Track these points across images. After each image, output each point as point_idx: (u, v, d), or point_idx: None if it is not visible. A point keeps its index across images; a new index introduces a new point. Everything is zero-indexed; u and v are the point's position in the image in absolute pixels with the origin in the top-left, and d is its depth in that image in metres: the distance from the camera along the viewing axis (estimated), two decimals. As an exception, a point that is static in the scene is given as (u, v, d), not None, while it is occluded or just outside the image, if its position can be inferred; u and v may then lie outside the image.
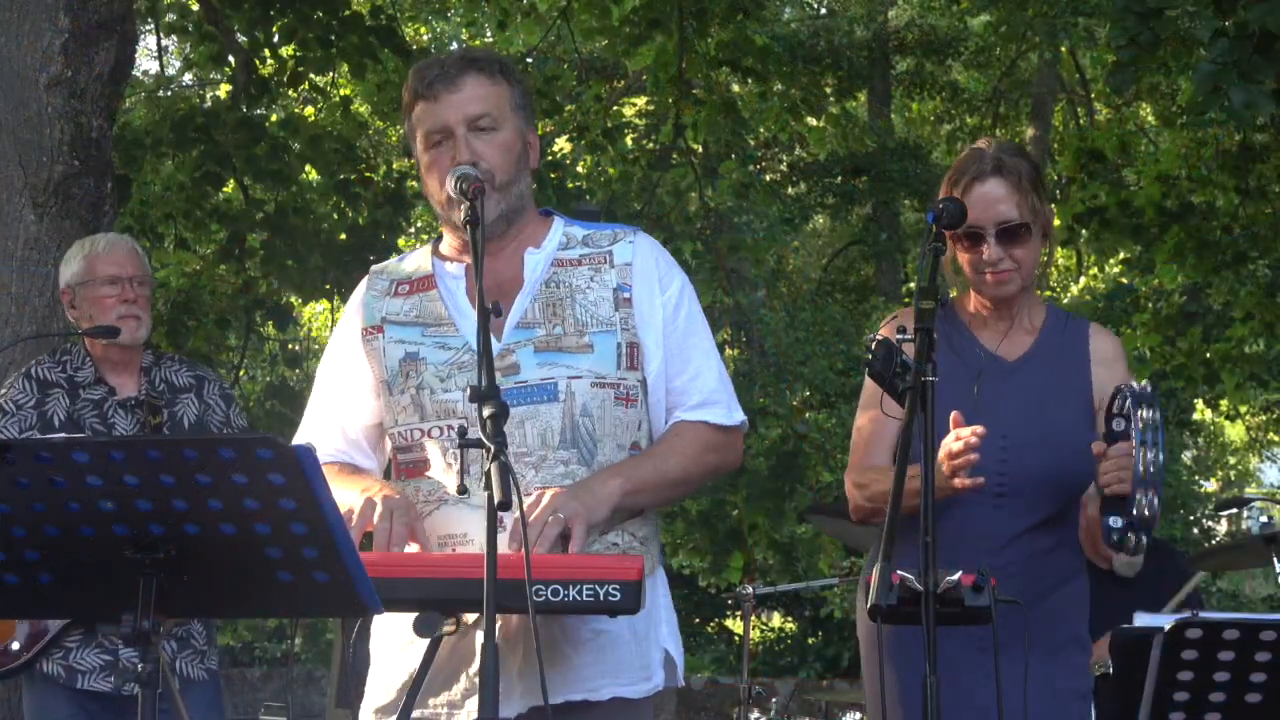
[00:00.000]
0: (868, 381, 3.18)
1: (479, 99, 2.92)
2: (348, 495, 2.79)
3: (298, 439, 3.07)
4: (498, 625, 2.46)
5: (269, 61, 10.29)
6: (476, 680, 2.76)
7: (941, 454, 2.96)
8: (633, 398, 2.92)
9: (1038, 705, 3.07)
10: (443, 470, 2.88)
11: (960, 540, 3.16)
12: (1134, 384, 2.95)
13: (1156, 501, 2.83)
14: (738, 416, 3.02)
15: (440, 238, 3.10)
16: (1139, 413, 2.85)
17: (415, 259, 3.08)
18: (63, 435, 4.11)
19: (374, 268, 3.12)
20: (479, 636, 2.72)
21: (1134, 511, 2.84)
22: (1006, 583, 3.08)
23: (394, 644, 2.88)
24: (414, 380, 2.92)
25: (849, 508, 3.37)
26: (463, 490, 2.66)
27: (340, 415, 3.03)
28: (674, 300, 2.99)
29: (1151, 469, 2.83)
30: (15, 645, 4.14)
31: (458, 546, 2.83)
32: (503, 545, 2.51)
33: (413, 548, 2.77)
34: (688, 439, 2.96)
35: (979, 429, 2.96)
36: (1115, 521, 2.95)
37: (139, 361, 4.37)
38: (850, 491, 3.33)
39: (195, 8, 10.44)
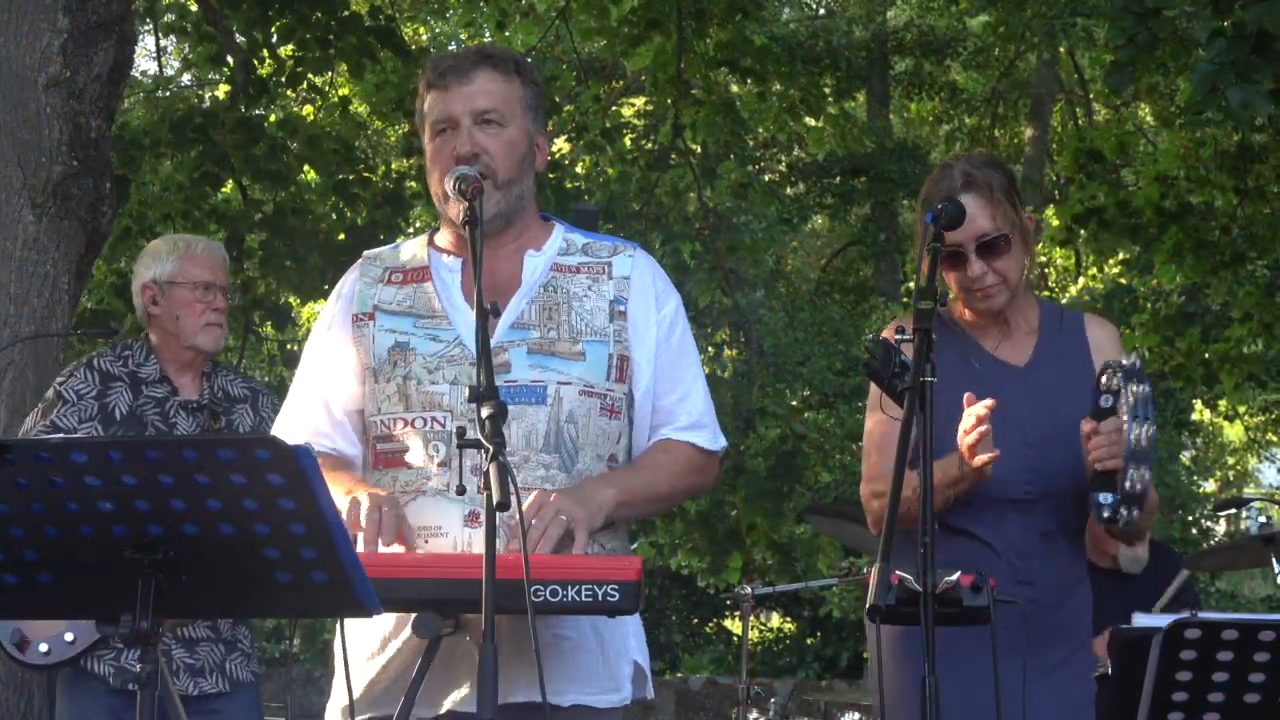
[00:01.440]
0: (873, 386, 3.17)
1: (488, 94, 2.92)
2: (333, 495, 2.77)
3: (281, 418, 3.06)
4: (473, 624, 2.45)
5: (267, 62, 10.29)
6: (445, 676, 2.77)
7: (960, 440, 2.95)
8: (617, 410, 2.92)
9: (1051, 712, 3.08)
10: (423, 461, 2.86)
11: (989, 546, 3.16)
12: (1123, 360, 2.94)
13: (1148, 475, 2.83)
14: (720, 442, 3.05)
15: (436, 229, 3.09)
16: (1129, 387, 2.85)
17: (410, 248, 3.07)
18: (62, 436, 4.10)
19: (367, 253, 3.10)
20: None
21: (1125, 486, 2.84)
22: (1031, 586, 3.10)
23: (353, 649, 2.84)
24: (401, 370, 2.91)
25: (868, 520, 3.32)
26: (461, 490, 2.65)
27: (326, 395, 3.00)
28: (669, 319, 3.00)
29: (1144, 443, 2.83)
30: (71, 636, 4.07)
31: (431, 538, 2.81)
32: (499, 545, 2.51)
33: (397, 549, 2.74)
34: (675, 457, 2.97)
35: (989, 401, 2.95)
36: (1105, 498, 2.95)
37: (203, 367, 4.39)
38: (868, 502, 3.28)
39: (194, 8, 10.45)
